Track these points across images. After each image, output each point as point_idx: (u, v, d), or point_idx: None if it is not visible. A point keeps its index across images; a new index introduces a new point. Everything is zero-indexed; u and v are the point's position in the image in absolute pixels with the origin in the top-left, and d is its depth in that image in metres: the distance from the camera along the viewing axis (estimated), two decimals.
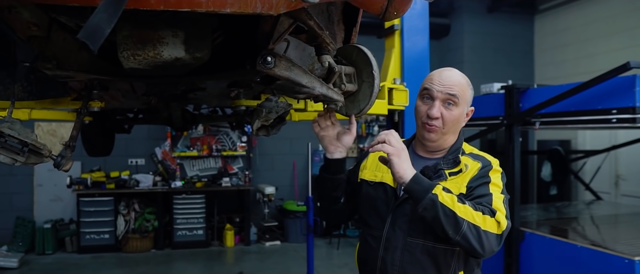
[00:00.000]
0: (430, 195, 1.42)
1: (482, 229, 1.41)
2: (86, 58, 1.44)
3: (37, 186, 7.38)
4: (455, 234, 1.41)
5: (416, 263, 1.57)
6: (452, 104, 1.61)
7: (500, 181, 1.58)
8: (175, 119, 3.13)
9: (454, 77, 1.64)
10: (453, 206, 1.41)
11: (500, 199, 1.51)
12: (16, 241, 6.87)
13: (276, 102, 1.81)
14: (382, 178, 1.70)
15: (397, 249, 1.60)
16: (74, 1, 0.99)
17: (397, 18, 1.46)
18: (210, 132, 7.96)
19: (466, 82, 1.65)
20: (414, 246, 1.58)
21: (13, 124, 1.50)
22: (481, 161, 1.62)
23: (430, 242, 1.56)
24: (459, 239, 1.42)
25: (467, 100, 1.65)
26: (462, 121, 1.66)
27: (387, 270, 1.60)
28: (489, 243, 1.42)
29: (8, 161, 1.49)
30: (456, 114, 1.62)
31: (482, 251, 1.42)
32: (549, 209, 5.40)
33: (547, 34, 8.64)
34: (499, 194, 1.53)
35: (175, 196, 7.30)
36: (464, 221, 1.40)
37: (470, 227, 1.40)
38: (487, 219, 1.43)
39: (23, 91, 1.73)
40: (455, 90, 1.61)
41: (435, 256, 1.56)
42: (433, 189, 1.43)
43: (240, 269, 6.12)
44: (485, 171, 1.58)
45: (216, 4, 1.07)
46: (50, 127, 7.30)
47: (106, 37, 0.93)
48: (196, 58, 1.33)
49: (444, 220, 1.41)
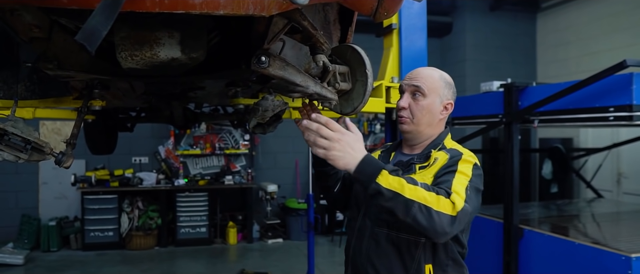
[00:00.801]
0: (373, 185, 1.36)
1: (434, 210, 1.34)
2: (86, 58, 1.48)
3: (42, 184, 7.46)
4: (405, 216, 1.35)
5: (381, 252, 1.62)
6: (419, 95, 1.69)
7: (469, 171, 1.53)
8: (176, 118, 3.18)
9: (424, 71, 1.74)
10: (401, 189, 1.35)
11: (463, 184, 1.46)
12: (22, 239, 6.95)
13: (272, 101, 1.85)
14: None
15: (365, 238, 1.67)
16: (73, 4, 1.03)
17: (387, 18, 1.49)
18: (213, 131, 8.02)
19: (438, 76, 1.72)
20: (380, 235, 1.63)
21: (16, 123, 1.55)
22: (451, 152, 1.61)
23: (394, 232, 1.60)
24: (409, 221, 1.36)
25: (439, 92, 1.70)
26: (435, 112, 1.70)
27: (356, 258, 1.68)
28: (441, 223, 1.34)
29: (11, 158, 1.54)
30: (423, 104, 1.68)
31: (434, 232, 1.35)
32: (549, 207, 5.42)
33: (550, 32, 8.63)
34: (462, 179, 1.48)
35: (179, 194, 7.36)
36: (414, 203, 1.34)
37: (421, 208, 1.34)
38: (441, 199, 1.36)
39: (26, 91, 1.78)
40: (420, 81, 1.69)
41: (399, 246, 1.59)
42: (377, 177, 1.37)
43: (243, 266, 6.17)
44: (454, 160, 1.56)
45: (209, 6, 1.11)
46: (55, 126, 7.38)
47: (105, 38, 0.98)
48: (192, 58, 1.37)
49: (392, 205, 1.36)
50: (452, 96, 1.74)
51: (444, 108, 1.73)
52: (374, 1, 1.35)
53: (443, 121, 1.77)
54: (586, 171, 6.65)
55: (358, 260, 1.68)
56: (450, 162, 1.56)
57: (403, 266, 1.59)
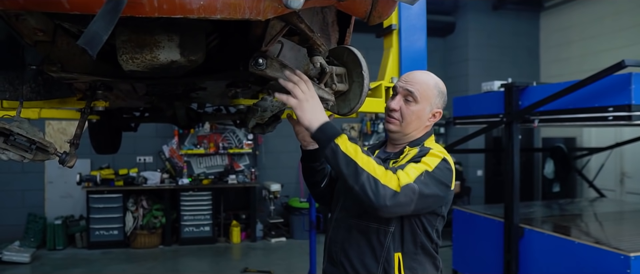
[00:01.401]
0: (332, 144, 1.44)
1: (381, 183, 1.41)
2: (89, 61, 1.52)
3: (48, 183, 7.54)
4: (354, 183, 1.41)
5: (352, 241, 1.67)
6: (411, 100, 1.71)
7: (433, 163, 1.55)
8: (179, 118, 3.22)
9: (420, 76, 1.74)
10: (355, 155, 1.42)
11: (418, 169, 1.50)
12: (28, 237, 7.03)
13: (271, 102, 1.88)
14: None
15: (340, 228, 1.73)
16: (75, 9, 1.07)
17: (381, 21, 1.52)
18: (216, 130, 8.07)
19: (433, 84, 1.72)
20: (351, 224, 1.69)
21: (22, 123, 1.60)
22: (421, 149, 1.66)
23: (364, 221, 1.65)
24: (357, 189, 1.41)
25: (430, 100, 1.71)
26: (423, 118, 1.72)
27: (331, 248, 1.75)
28: (384, 196, 1.40)
29: (17, 157, 1.58)
30: (414, 109, 1.70)
31: (376, 202, 1.40)
32: (551, 206, 5.43)
33: (553, 32, 8.63)
34: (420, 167, 1.52)
35: (183, 193, 7.42)
36: (364, 172, 1.41)
37: (369, 178, 1.40)
38: (388, 173, 1.43)
39: (31, 92, 1.82)
40: (415, 87, 1.70)
41: (368, 234, 1.64)
42: (336, 138, 1.44)
43: (246, 265, 6.22)
44: (421, 153, 1.61)
45: (207, 11, 1.15)
46: (60, 126, 7.45)
47: (107, 41, 1.02)
48: (191, 61, 1.41)
49: (345, 168, 1.42)
50: (442, 105, 1.76)
51: (433, 116, 1.75)
52: (368, 5, 1.39)
53: (429, 126, 1.79)
54: (589, 170, 6.65)
55: (333, 249, 1.74)
56: (417, 155, 1.60)
57: (373, 254, 1.64)
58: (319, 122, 1.47)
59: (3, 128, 1.54)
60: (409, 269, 1.64)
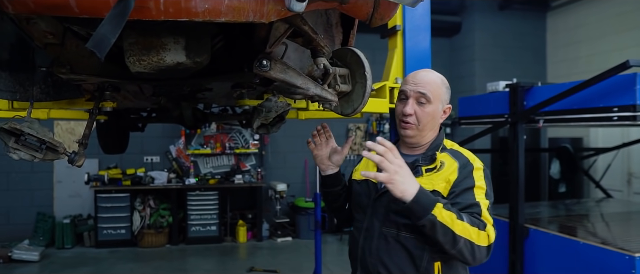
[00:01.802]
0: (429, 216, 1.47)
1: (476, 245, 1.50)
2: (97, 63, 1.56)
3: (56, 182, 7.63)
4: (451, 249, 1.50)
5: (391, 251, 1.66)
6: (424, 102, 1.72)
7: (483, 181, 1.64)
8: (186, 118, 3.26)
9: (427, 77, 1.75)
10: (452, 224, 1.47)
11: (486, 206, 1.59)
12: (37, 236, 7.12)
13: (275, 102, 1.91)
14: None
15: (374, 238, 1.71)
16: (84, 13, 1.10)
17: (383, 23, 1.54)
18: (223, 131, 8.12)
19: (440, 81, 1.75)
20: (388, 235, 1.68)
21: (32, 124, 1.64)
22: (459, 159, 1.68)
23: (403, 232, 1.65)
24: (454, 252, 1.51)
25: (442, 98, 1.75)
26: (437, 117, 1.76)
27: (366, 259, 1.72)
28: (480, 255, 1.52)
29: (27, 157, 1.62)
30: (429, 111, 1.72)
31: (474, 262, 1.53)
32: (557, 206, 5.42)
33: (560, 31, 8.60)
34: (484, 199, 1.60)
35: (189, 193, 7.47)
36: (461, 239, 1.48)
37: (466, 243, 1.49)
38: (480, 234, 1.51)
39: (41, 93, 1.86)
40: (426, 89, 1.72)
41: (407, 246, 1.65)
42: (433, 208, 1.47)
43: (252, 264, 6.26)
44: (467, 171, 1.64)
45: (212, 14, 1.18)
46: (69, 126, 7.54)
47: (114, 44, 1.05)
48: (196, 62, 1.44)
49: (442, 237, 1.49)
50: (449, 100, 1.79)
51: (444, 113, 1.78)
52: (369, 7, 1.41)
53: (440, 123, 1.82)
54: (596, 170, 6.63)
55: (368, 260, 1.71)
56: (463, 174, 1.63)
57: (413, 263, 1.64)
58: (413, 193, 1.47)
59: (14, 128, 1.58)
60: None
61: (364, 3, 1.37)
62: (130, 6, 1.04)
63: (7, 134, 1.60)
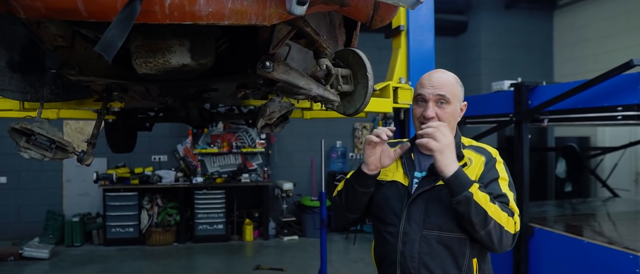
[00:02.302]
0: (466, 193, 1.53)
1: (505, 229, 1.56)
2: (105, 64, 1.60)
3: (66, 181, 7.72)
4: (481, 229, 1.55)
5: (434, 253, 1.66)
6: (444, 103, 1.71)
7: (505, 172, 1.72)
8: (193, 117, 3.31)
9: (443, 78, 1.75)
10: (486, 205, 1.53)
11: (511, 194, 1.66)
12: (47, 234, 7.22)
13: (279, 103, 1.94)
14: (394, 177, 1.80)
15: (415, 242, 1.68)
16: (92, 17, 1.14)
17: (383, 24, 1.56)
18: (230, 130, 8.17)
19: (455, 81, 1.77)
20: (430, 237, 1.67)
21: (42, 124, 1.69)
22: (484, 154, 1.74)
23: (445, 233, 1.66)
24: (482, 234, 1.56)
25: (459, 96, 1.76)
26: (456, 116, 1.77)
27: (407, 263, 1.68)
28: (507, 241, 1.58)
29: (38, 156, 1.67)
30: (449, 111, 1.72)
31: (500, 247, 1.58)
32: (563, 205, 5.42)
33: (566, 30, 8.56)
34: (509, 191, 1.67)
35: (197, 192, 7.53)
36: (492, 220, 1.54)
37: (495, 226, 1.54)
38: (509, 220, 1.57)
39: (51, 94, 1.92)
40: (445, 90, 1.72)
41: (450, 245, 1.66)
42: (470, 186, 1.54)
43: (259, 262, 6.30)
44: (491, 165, 1.71)
45: (215, 17, 1.21)
46: (78, 125, 7.63)
47: (122, 46, 1.09)
48: (201, 64, 1.47)
49: (475, 216, 1.53)
50: (463, 97, 1.81)
51: (461, 110, 1.81)
52: (370, 10, 1.44)
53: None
54: (603, 170, 6.60)
55: (409, 264, 1.69)
56: (488, 167, 1.70)
57: (456, 263, 1.66)
58: (455, 168, 1.56)
59: (25, 128, 1.63)
60: (481, 272, 1.72)
61: (364, 6, 1.40)
62: (137, 10, 1.07)
63: (19, 134, 1.65)
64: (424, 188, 1.71)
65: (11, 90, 1.85)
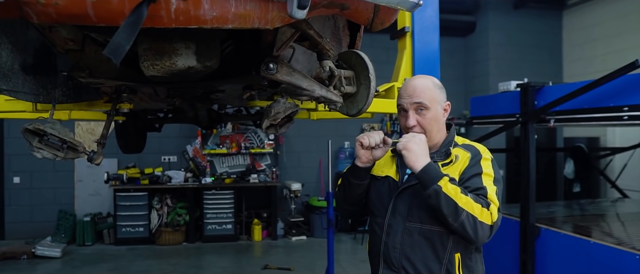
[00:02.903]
0: (435, 186, 1.59)
1: (479, 220, 1.59)
2: (114, 67, 1.65)
3: (77, 181, 7.84)
4: (454, 222, 1.59)
5: (415, 245, 1.73)
6: (423, 109, 1.79)
7: (491, 169, 1.74)
8: (201, 118, 3.36)
9: (419, 85, 1.82)
10: (456, 196, 1.58)
11: (494, 191, 1.68)
12: (59, 233, 7.33)
13: (284, 104, 1.97)
14: (387, 172, 1.89)
15: (398, 233, 1.76)
16: (101, 22, 1.19)
17: (383, 27, 1.59)
18: (238, 131, 8.23)
19: (432, 85, 1.83)
20: (412, 229, 1.74)
21: (54, 125, 1.74)
22: (471, 151, 1.79)
23: (426, 225, 1.72)
24: (456, 226, 1.60)
25: (438, 99, 1.82)
26: (440, 119, 1.83)
27: (389, 253, 1.77)
28: (483, 232, 1.60)
29: (50, 156, 1.73)
30: (430, 116, 1.80)
31: (476, 238, 1.61)
32: (571, 206, 5.40)
33: (576, 30, 8.52)
34: (492, 185, 1.70)
35: (206, 192, 7.60)
36: (464, 211, 1.58)
37: (468, 216, 1.58)
38: (483, 211, 1.60)
39: (62, 95, 1.98)
40: (421, 97, 1.79)
41: (431, 238, 1.72)
42: (439, 180, 1.60)
43: (267, 262, 6.35)
44: (476, 160, 1.75)
45: (219, 21, 1.25)
46: (89, 126, 7.74)
47: (130, 49, 1.13)
48: (206, 66, 1.52)
49: (446, 208, 1.58)
50: (446, 96, 1.86)
51: (445, 110, 1.86)
52: (370, 13, 1.47)
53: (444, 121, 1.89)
54: (613, 170, 6.56)
55: (392, 255, 1.77)
56: (472, 163, 1.74)
57: (436, 256, 1.72)
58: (423, 164, 1.64)
59: (38, 129, 1.68)
60: (466, 267, 1.75)
61: (364, 9, 1.44)
62: (144, 15, 1.12)
63: (32, 134, 1.71)
64: (411, 183, 1.78)
65: (24, 92, 1.91)
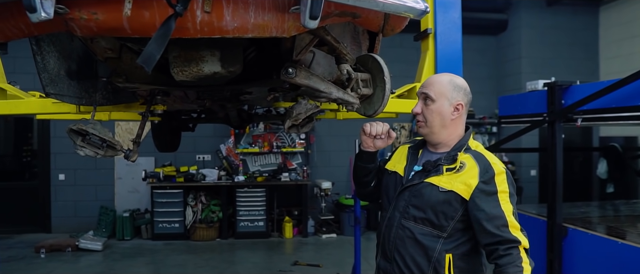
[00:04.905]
0: None
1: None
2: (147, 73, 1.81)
3: (117, 179, 8.20)
4: None
5: (406, 241, 1.82)
6: (428, 100, 1.86)
7: (506, 184, 1.73)
8: (232, 118, 3.53)
9: (433, 78, 1.91)
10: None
11: (511, 212, 1.70)
12: (100, 228, 7.71)
13: (305, 105, 2.09)
14: (396, 168, 1.98)
15: (394, 228, 1.87)
16: (136, 34, 1.33)
17: (394, 33, 1.68)
18: (270, 130, 8.41)
19: (447, 81, 1.87)
20: (405, 226, 1.83)
21: (95, 125, 1.92)
22: (481, 163, 1.76)
23: (419, 225, 1.80)
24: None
25: (446, 95, 1.84)
26: (445, 114, 1.84)
27: (385, 245, 1.90)
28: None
29: (91, 153, 1.91)
30: (433, 108, 1.84)
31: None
32: (604, 207, 5.31)
33: (613, 26, 8.29)
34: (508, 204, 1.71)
35: (238, 190, 7.80)
36: None
37: None
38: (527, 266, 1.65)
39: (103, 98, 2.16)
40: (430, 89, 1.86)
41: (420, 237, 1.79)
42: None
43: (297, 258, 6.49)
44: (488, 176, 1.73)
45: (240, 31, 1.38)
46: (128, 126, 8.08)
47: (162, 56, 1.27)
48: (230, 71, 1.65)
49: None
50: (462, 97, 1.86)
51: (455, 109, 1.85)
52: (381, 20, 1.57)
53: (458, 120, 1.88)
54: None
55: (386, 247, 1.89)
56: (485, 179, 1.72)
57: (425, 253, 1.78)
58: None
59: (81, 129, 1.86)
60: (458, 269, 1.77)
61: (374, 17, 1.53)
62: (172, 27, 1.25)
63: (75, 134, 1.89)
64: (413, 182, 1.86)
65: (69, 95, 2.11)
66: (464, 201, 1.74)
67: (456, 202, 1.74)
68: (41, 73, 1.99)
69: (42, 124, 8.06)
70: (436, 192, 1.77)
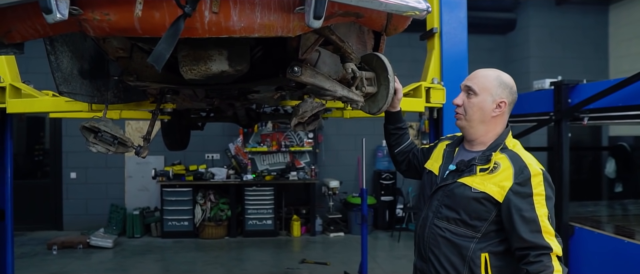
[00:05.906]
0: None
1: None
2: (157, 72, 1.86)
3: (127, 177, 8.30)
4: None
5: (439, 240, 1.80)
6: (471, 93, 1.82)
7: (542, 187, 1.66)
8: (240, 117, 3.59)
9: (480, 72, 1.86)
10: None
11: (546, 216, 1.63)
12: (111, 225, 7.82)
13: (311, 103, 2.13)
14: (431, 167, 1.99)
15: (427, 227, 1.86)
16: (146, 34, 1.38)
17: (397, 32, 1.71)
18: (279, 129, 8.46)
19: (493, 77, 1.82)
20: (438, 226, 1.81)
21: (107, 123, 1.98)
22: (516, 165, 1.70)
23: (452, 225, 1.78)
24: None
25: (490, 91, 1.79)
26: (486, 110, 1.79)
27: (420, 244, 1.90)
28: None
29: (103, 150, 1.97)
30: (474, 102, 1.81)
31: None
32: (613, 206, 5.29)
33: (623, 25, 8.23)
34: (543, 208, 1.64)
35: (247, 188, 7.86)
36: None
37: None
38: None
39: (114, 97, 2.22)
40: (473, 82, 1.83)
41: (453, 238, 1.77)
42: None
43: (305, 257, 6.53)
44: (524, 179, 1.66)
45: (246, 31, 1.42)
46: (138, 125, 8.18)
47: (171, 56, 1.32)
48: (237, 70, 1.70)
49: None
50: (507, 96, 1.80)
51: (497, 106, 1.79)
52: (383, 20, 1.61)
53: (498, 118, 1.82)
54: None
55: (421, 246, 1.89)
56: (519, 179, 1.66)
57: (459, 253, 1.75)
58: None
59: (93, 126, 1.92)
60: (496, 268, 1.71)
61: (377, 16, 1.57)
62: (181, 27, 1.30)
63: (88, 131, 1.95)
64: (446, 182, 1.84)
65: (82, 94, 2.17)
66: (497, 203, 1.69)
67: (489, 203, 1.70)
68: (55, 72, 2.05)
69: (54, 123, 8.18)
70: (469, 193, 1.73)
